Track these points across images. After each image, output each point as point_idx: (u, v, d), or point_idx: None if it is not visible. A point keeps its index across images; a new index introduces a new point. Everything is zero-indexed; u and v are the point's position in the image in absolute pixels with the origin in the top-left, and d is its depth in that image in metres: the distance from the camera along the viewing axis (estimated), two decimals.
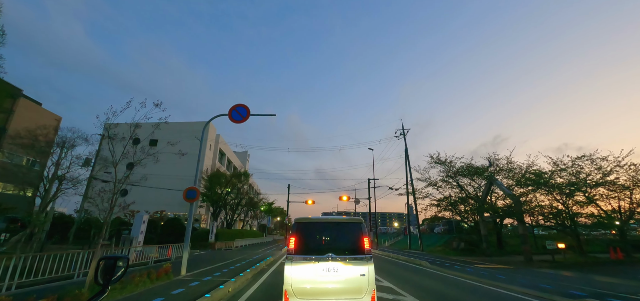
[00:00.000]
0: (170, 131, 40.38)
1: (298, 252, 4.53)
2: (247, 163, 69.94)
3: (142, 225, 14.08)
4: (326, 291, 4.34)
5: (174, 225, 26.36)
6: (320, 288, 4.34)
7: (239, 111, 10.84)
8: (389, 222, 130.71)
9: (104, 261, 1.63)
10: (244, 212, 42.20)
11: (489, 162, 20.38)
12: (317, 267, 4.40)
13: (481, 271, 12.48)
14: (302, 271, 4.41)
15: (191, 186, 10.08)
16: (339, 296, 4.34)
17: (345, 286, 4.35)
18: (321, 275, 4.38)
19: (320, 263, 4.42)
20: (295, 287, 4.36)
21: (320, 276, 4.37)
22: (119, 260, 1.65)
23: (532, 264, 15.31)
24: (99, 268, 1.61)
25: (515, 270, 13.53)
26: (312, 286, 4.35)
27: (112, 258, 1.64)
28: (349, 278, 4.37)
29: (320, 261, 4.42)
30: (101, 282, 1.58)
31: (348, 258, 4.47)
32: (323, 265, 4.41)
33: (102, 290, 1.56)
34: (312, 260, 4.44)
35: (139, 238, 13.82)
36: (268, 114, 11.20)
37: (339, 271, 4.40)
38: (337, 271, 4.39)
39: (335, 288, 4.33)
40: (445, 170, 23.81)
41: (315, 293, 4.35)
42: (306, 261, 4.44)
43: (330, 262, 4.42)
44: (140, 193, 37.65)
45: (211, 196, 29.78)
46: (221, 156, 49.11)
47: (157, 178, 34.42)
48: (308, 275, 4.39)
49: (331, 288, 4.33)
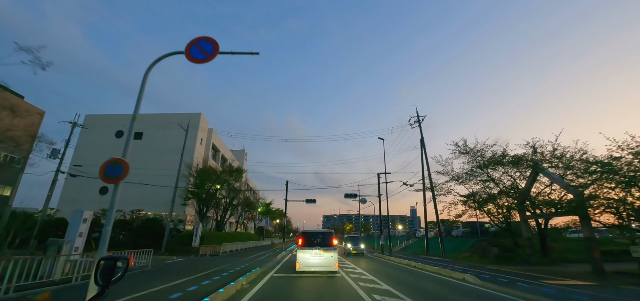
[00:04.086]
0: (157, 123, 36.81)
1: (302, 246, 10.45)
2: (244, 162, 66.06)
3: (82, 226, 10.24)
4: (315, 264, 10.18)
5: (151, 226, 22.47)
6: (312, 262, 10.19)
7: (201, 46, 7.02)
8: (392, 225, 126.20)
9: (104, 261, 1.64)
10: (239, 213, 38.26)
11: (533, 148, 16.47)
12: (311, 252, 10.26)
13: (551, 290, 8.61)
14: (304, 255, 10.26)
15: (115, 158, 6.11)
16: (320, 266, 10.18)
17: (323, 262, 10.17)
18: (312, 256, 10.23)
19: (312, 251, 10.29)
20: (301, 262, 10.18)
21: (312, 257, 10.22)
22: (119, 260, 1.66)
23: (609, 277, 11.40)
24: (99, 268, 1.61)
25: (600, 287, 9.64)
26: (308, 261, 10.19)
27: (112, 259, 1.65)
28: (324, 257, 10.18)
29: (312, 249, 10.31)
30: (100, 283, 1.58)
31: (324, 249, 10.31)
32: (313, 251, 10.27)
33: (101, 291, 1.57)
34: (308, 249, 10.32)
35: (76, 243, 9.97)
36: (250, 52, 7.39)
37: (320, 255, 10.22)
38: (319, 255, 10.22)
39: (318, 262, 10.18)
40: (472, 160, 19.89)
41: (310, 265, 10.16)
42: (306, 250, 10.31)
43: (316, 250, 10.29)
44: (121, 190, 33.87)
45: (199, 193, 25.91)
46: (215, 153, 45.24)
47: (142, 175, 30.66)
48: (306, 256, 10.23)
49: (317, 262, 10.18)
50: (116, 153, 31.45)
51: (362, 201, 33.10)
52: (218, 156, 45.91)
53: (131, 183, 30.39)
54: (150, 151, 34.25)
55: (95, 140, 35.05)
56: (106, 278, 1.57)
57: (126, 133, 7.16)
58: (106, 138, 35.50)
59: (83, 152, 34.16)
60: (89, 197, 32.06)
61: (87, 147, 34.64)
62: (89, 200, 31.43)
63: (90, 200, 31.42)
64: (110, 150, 36.15)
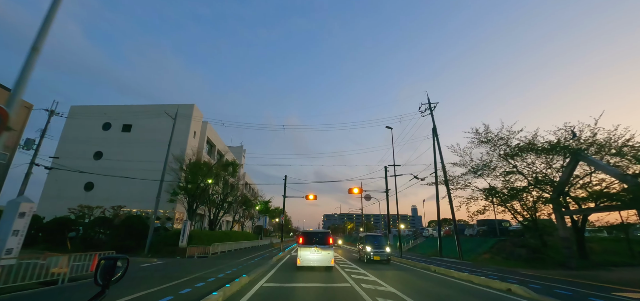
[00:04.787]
0: (148, 114, 34.44)
1: (302, 244, 12.04)
2: (242, 159, 63.75)
3: (18, 221, 7.92)
4: (313, 260, 11.71)
5: (134, 224, 20.16)
6: (311, 258, 11.71)
7: None
8: (393, 224, 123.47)
9: (104, 261, 1.62)
10: (235, 210, 35.95)
11: (572, 133, 14.06)
12: (310, 249, 11.80)
13: None
14: (304, 252, 11.82)
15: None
16: (318, 262, 11.71)
17: (321, 258, 11.70)
18: (311, 253, 11.75)
19: (311, 248, 11.81)
20: (301, 258, 11.74)
21: (311, 254, 11.74)
22: (119, 260, 1.66)
23: None
24: (99, 268, 1.59)
25: None
26: (308, 257, 11.72)
27: (112, 259, 1.64)
28: (322, 254, 11.73)
29: (311, 247, 11.82)
30: (101, 283, 1.57)
31: (321, 247, 11.85)
32: (312, 249, 11.79)
33: (101, 291, 1.54)
34: (308, 247, 11.86)
35: (9, 243, 7.63)
36: None
37: (318, 252, 11.75)
38: (317, 252, 11.75)
39: (316, 258, 11.70)
40: (494, 149, 17.53)
41: (309, 260, 11.69)
42: (306, 248, 11.88)
43: (314, 248, 11.80)
44: (109, 186, 31.60)
45: (190, 190, 23.59)
46: (210, 148, 42.91)
47: (131, 170, 28.36)
48: (306, 253, 11.78)
49: (315, 258, 11.70)
50: (103, 145, 28.53)
51: (366, 198, 30.74)
52: (214, 151, 43.58)
53: (115, 177, 28.17)
54: (140, 144, 31.86)
55: (81, 133, 32.74)
56: (106, 278, 1.58)
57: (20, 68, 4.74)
58: (93, 131, 33.19)
59: (68, 145, 31.89)
60: (74, 194, 29.74)
61: (73, 140, 32.36)
62: (74, 196, 29.09)
63: (74, 196, 29.09)
64: (97, 143, 33.96)
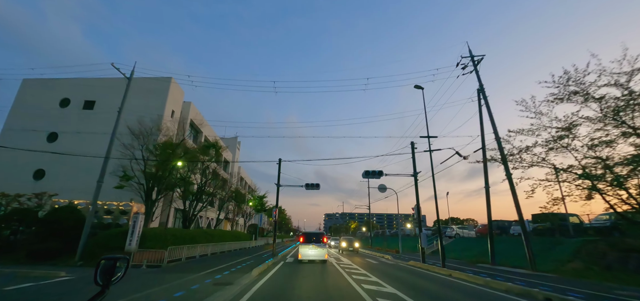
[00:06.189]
0: (115, 90, 28.63)
1: (302, 243, 15.62)
2: (237, 153, 57.93)
3: None
4: (311, 255, 15.22)
5: (61, 219, 14.32)
6: (309, 253, 15.25)
7: None
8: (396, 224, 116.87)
9: (104, 261, 1.61)
10: (221, 205, 30.09)
11: None
12: (309, 247, 15.31)
13: None
14: (304, 249, 15.35)
15: None
16: (315, 257, 15.19)
17: (317, 253, 15.20)
18: (310, 249, 15.26)
19: (309, 245, 15.31)
20: (302, 253, 15.35)
21: (309, 250, 15.25)
22: (119, 260, 1.64)
23: None
24: (99, 268, 1.58)
25: None
26: (307, 253, 15.28)
27: (111, 259, 1.62)
28: (317, 251, 15.21)
29: (309, 245, 15.33)
30: (101, 283, 1.56)
31: (317, 245, 15.31)
32: (310, 246, 15.31)
33: (101, 291, 1.53)
34: (307, 245, 15.37)
35: None
36: None
37: (315, 248, 15.24)
38: (314, 248, 15.24)
39: (314, 253, 15.22)
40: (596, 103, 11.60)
41: (308, 255, 15.23)
42: (305, 245, 15.39)
43: (312, 245, 15.30)
44: (65, 174, 25.82)
45: (149, 170, 17.73)
46: (196, 134, 37.09)
47: (90, 154, 22.50)
48: (305, 250, 15.30)
49: (312, 254, 15.22)
50: (60, 123, 21.60)
51: (381, 188, 24.79)
52: (200, 138, 37.75)
53: (70, 162, 22.48)
54: (103, 125, 26.08)
55: (35, 109, 27.05)
56: (106, 278, 1.57)
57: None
58: (49, 106, 27.49)
59: (19, 121, 26.29)
60: (21, 179, 23.89)
61: (25, 117, 26.68)
62: (19, 188, 23.29)
63: (20, 188, 23.27)
64: (53, 120, 28.31)
